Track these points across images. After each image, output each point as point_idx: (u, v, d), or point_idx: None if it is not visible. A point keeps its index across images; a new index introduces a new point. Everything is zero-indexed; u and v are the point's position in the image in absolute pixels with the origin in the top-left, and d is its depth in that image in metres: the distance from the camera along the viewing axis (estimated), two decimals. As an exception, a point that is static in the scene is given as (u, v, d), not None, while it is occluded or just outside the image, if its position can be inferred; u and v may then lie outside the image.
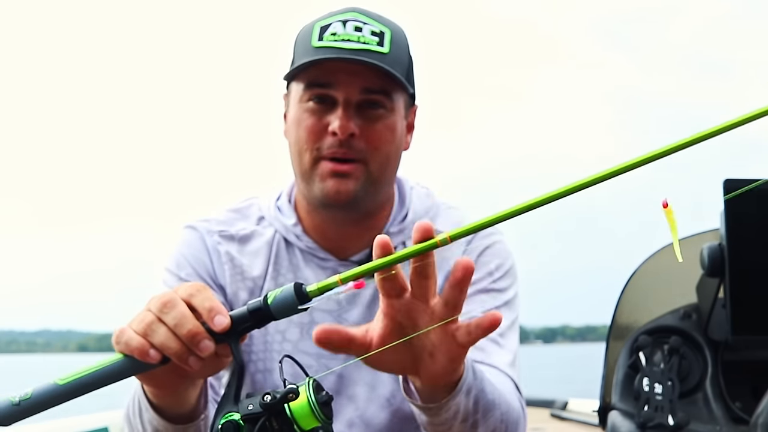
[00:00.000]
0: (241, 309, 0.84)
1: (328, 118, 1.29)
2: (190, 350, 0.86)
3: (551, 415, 3.87)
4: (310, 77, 1.29)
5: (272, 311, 0.82)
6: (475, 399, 1.05)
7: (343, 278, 0.76)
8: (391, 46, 1.30)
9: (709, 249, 1.75)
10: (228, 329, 0.84)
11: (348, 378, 1.38)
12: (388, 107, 1.31)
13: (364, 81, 1.28)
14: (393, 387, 1.37)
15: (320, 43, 1.28)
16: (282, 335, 1.38)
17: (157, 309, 0.87)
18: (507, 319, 1.37)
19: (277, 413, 0.77)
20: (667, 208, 0.68)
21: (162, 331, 0.86)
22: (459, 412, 1.04)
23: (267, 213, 1.43)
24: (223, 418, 0.79)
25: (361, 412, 1.38)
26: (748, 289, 1.75)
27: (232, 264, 1.38)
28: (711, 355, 1.84)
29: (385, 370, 0.96)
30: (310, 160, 1.31)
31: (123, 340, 0.87)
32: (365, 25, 1.29)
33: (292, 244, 1.40)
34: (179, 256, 1.39)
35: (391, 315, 0.90)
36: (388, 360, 0.93)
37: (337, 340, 0.89)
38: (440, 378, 0.96)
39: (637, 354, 1.81)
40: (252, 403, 0.78)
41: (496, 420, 1.13)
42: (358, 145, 1.29)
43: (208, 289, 0.89)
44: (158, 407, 1.04)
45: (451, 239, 0.74)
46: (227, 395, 0.81)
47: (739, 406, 1.80)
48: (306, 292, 0.80)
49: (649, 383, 1.76)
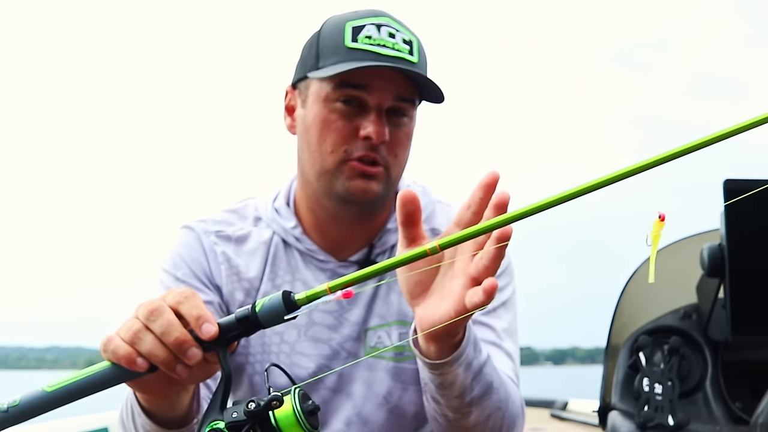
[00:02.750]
0: (229, 317, 0.84)
1: (358, 121, 1.29)
2: (177, 358, 0.85)
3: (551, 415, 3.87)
4: (344, 77, 1.28)
5: (260, 319, 0.81)
6: (474, 375, 1.10)
7: (332, 287, 0.76)
8: (419, 55, 1.32)
9: (709, 249, 1.75)
10: (216, 337, 0.84)
11: (347, 376, 1.38)
12: (411, 115, 1.34)
13: (397, 88, 1.29)
14: (390, 385, 1.38)
15: (355, 44, 1.28)
16: (280, 337, 1.38)
17: (144, 317, 0.86)
18: (505, 320, 1.38)
19: (262, 421, 0.76)
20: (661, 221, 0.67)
21: (149, 339, 0.85)
22: (456, 383, 1.09)
23: (264, 214, 1.43)
24: (208, 426, 0.79)
25: (358, 409, 1.38)
26: (748, 289, 1.74)
27: (229, 264, 1.38)
28: (711, 355, 1.84)
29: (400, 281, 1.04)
30: (337, 161, 1.30)
31: (110, 348, 0.87)
32: (398, 32, 1.30)
33: (290, 245, 1.39)
34: (176, 256, 1.39)
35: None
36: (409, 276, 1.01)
37: (414, 210, 0.99)
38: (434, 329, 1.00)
39: (637, 354, 1.81)
40: (236, 411, 0.78)
41: (494, 405, 1.16)
42: (383, 150, 1.30)
43: (196, 295, 0.88)
44: (150, 412, 1.04)
45: (441, 248, 0.74)
46: (213, 403, 0.81)
47: (739, 406, 1.80)
48: (294, 300, 0.79)
49: (649, 383, 1.76)
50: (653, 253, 0.66)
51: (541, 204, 0.67)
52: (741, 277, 1.73)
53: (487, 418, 1.16)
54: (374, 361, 1.38)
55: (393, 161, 1.32)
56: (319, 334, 1.37)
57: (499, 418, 1.18)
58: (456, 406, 1.13)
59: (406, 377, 1.38)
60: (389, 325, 1.37)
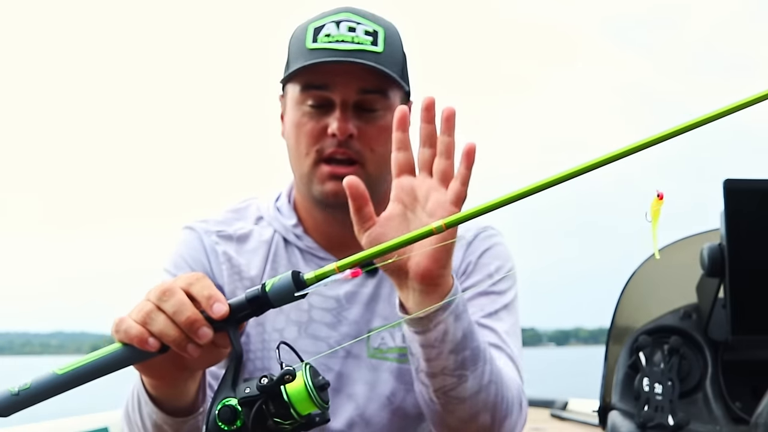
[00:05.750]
0: (240, 297, 0.85)
1: (326, 120, 1.30)
2: (188, 338, 0.86)
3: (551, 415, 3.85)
4: (307, 80, 1.30)
5: (270, 298, 0.82)
6: (464, 332, 1.11)
7: (340, 266, 0.77)
8: (384, 44, 1.31)
9: (709, 249, 1.75)
10: (226, 317, 0.85)
11: (347, 376, 1.38)
12: (384, 106, 1.32)
13: (360, 81, 1.29)
14: (393, 386, 1.37)
15: (315, 44, 1.29)
16: (279, 333, 1.38)
17: (156, 298, 0.88)
18: (507, 322, 1.37)
19: (274, 396, 0.77)
20: (660, 200, 0.68)
21: (161, 319, 0.87)
22: (448, 334, 1.09)
23: (266, 213, 1.44)
24: (220, 403, 0.80)
25: (361, 411, 1.38)
26: (748, 289, 1.75)
27: (230, 264, 1.39)
28: (711, 355, 1.84)
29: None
30: (311, 163, 1.32)
31: (122, 329, 0.88)
32: (359, 25, 1.30)
33: (291, 244, 1.40)
34: (177, 256, 1.40)
35: (398, 197, 1.08)
36: (386, 237, 1.04)
37: (363, 191, 1.06)
38: (431, 260, 1.05)
39: (637, 354, 1.81)
40: (249, 387, 0.79)
41: (487, 375, 1.15)
42: (356, 146, 1.30)
43: (206, 278, 0.90)
44: (157, 400, 1.05)
45: (447, 226, 0.75)
46: (225, 381, 0.81)
47: (739, 406, 1.80)
48: (303, 279, 0.81)
49: (649, 383, 1.76)
50: (654, 230, 0.67)
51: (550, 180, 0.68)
52: (741, 277, 1.74)
53: (485, 386, 1.14)
54: (378, 362, 1.38)
55: (370, 155, 1.32)
56: (318, 332, 1.37)
57: (495, 394, 1.16)
58: (451, 368, 1.11)
59: (410, 378, 1.37)
60: (393, 326, 1.37)
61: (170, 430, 1.07)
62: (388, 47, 1.31)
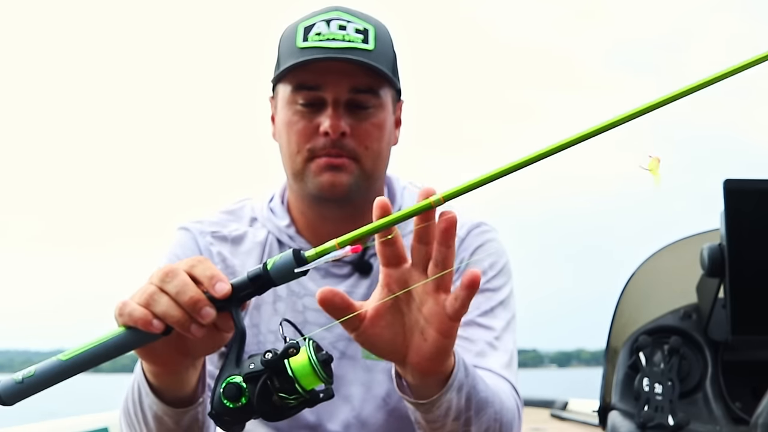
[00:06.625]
0: (242, 277, 0.86)
1: (318, 119, 1.30)
2: (192, 318, 0.87)
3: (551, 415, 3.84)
4: (298, 79, 1.31)
5: (272, 276, 0.83)
6: (467, 396, 1.05)
7: (341, 242, 0.78)
8: (375, 42, 1.31)
9: (709, 249, 1.75)
10: (229, 296, 0.86)
11: (343, 378, 1.38)
12: (377, 104, 1.33)
13: (352, 79, 1.30)
14: (389, 387, 1.37)
15: (305, 43, 1.30)
16: (275, 335, 1.38)
17: (159, 280, 0.88)
18: (502, 319, 1.37)
19: (279, 371, 0.78)
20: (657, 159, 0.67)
21: (164, 300, 0.87)
22: (451, 408, 1.04)
23: (260, 214, 1.45)
24: (224, 381, 0.80)
25: (357, 412, 1.38)
26: (748, 289, 1.74)
27: (225, 265, 1.40)
28: (711, 355, 1.84)
29: (377, 350, 0.96)
30: (303, 161, 1.32)
31: (126, 312, 0.88)
32: (349, 23, 1.31)
33: (284, 244, 1.41)
34: (172, 256, 1.40)
35: (388, 285, 0.92)
36: (379, 336, 0.93)
37: (339, 301, 0.90)
38: (431, 361, 0.95)
39: (637, 354, 1.81)
40: (253, 362, 0.79)
41: (490, 418, 1.13)
42: (349, 144, 1.31)
43: (208, 260, 0.90)
44: (158, 390, 1.05)
45: (445, 199, 0.75)
46: (229, 359, 0.82)
47: (739, 406, 1.80)
48: (304, 256, 0.81)
49: (649, 383, 1.76)
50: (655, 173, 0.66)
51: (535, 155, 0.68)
52: (741, 277, 1.73)
53: (490, 426, 1.13)
54: (372, 363, 1.38)
55: (364, 153, 1.32)
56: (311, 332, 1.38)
57: (497, 429, 1.16)
58: (457, 430, 1.08)
59: None
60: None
61: (170, 421, 1.07)
62: (379, 45, 1.32)
